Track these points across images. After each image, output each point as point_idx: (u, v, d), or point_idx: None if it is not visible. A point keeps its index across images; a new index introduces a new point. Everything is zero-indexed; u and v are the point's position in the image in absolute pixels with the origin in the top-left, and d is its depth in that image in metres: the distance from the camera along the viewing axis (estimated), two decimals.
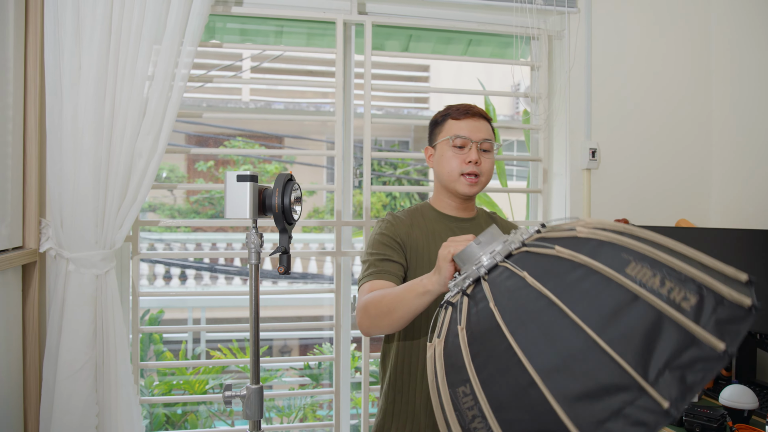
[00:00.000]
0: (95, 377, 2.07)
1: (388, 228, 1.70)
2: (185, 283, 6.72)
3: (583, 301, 0.84)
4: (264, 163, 6.65)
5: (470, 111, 1.72)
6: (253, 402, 1.58)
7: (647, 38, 2.70)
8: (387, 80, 7.38)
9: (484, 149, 1.71)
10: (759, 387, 2.18)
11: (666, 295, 0.83)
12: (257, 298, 1.58)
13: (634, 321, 0.81)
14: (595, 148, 2.58)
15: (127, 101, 2.03)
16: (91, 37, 1.97)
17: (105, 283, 2.06)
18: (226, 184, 1.50)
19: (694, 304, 0.83)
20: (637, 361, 0.80)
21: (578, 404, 0.81)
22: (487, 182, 1.75)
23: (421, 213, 1.77)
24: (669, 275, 0.84)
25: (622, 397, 0.79)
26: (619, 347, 0.80)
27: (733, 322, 0.81)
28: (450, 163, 1.70)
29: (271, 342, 5.55)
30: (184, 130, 7.15)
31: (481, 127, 1.71)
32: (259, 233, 1.57)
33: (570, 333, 0.82)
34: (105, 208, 2.05)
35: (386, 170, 7.33)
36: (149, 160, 2.09)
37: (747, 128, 2.58)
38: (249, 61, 5.96)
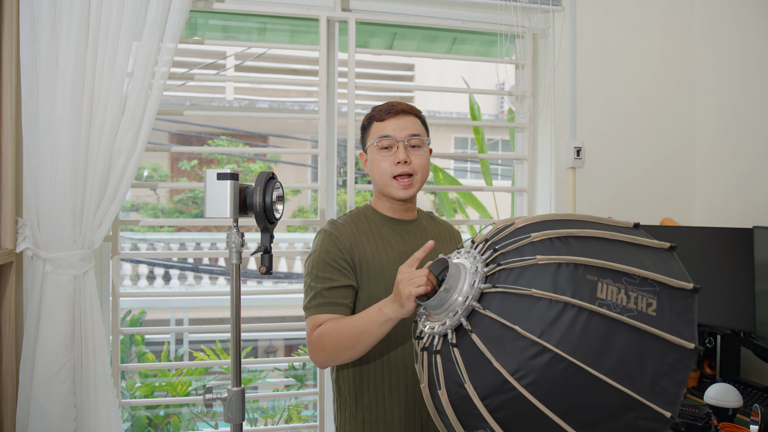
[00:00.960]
0: (73, 380, 2.03)
1: (332, 243, 1.60)
2: (169, 283, 6.65)
3: (575, 340, 0.95)
4: (248, 162, 6.60)
5: (393, 109, 1.65)
6: (234, 405, 1.54)
7: (632, 36, 2.70)
8: (372, 79, 7.36)
9: (414, 145, 1.64)
10: (743, 385, 2.19)
11: (636, 309, 0.98)
12: (239, 299, 1.55)
13: (622, 346, 0.95)
14: (580, 147, 2.58)
15: (105, 98, 1.99)
16: (69, 32, 1.93)
17: (83, 283, 2.02)
18: (206, 182, 1.47)
19: (656, 307, 1.00)
20: (634, 382, 0.94)
21: (596, 427, 0.95)
22: (424, 179, 1.68)
23: (365, 217, 1.71)
24: (629, 284, 1.00)
25: (631, 414, 0.95)
26: (617, 376, 0.94)
27: (688, 311, 1.01)
28: (380, 167, 1.64)
29: (256, 342, 5.51)
30: (168, 128, 7.07)
31: (407, 123, 1.64)
32: (240, 233, 1.54)
33: (574, 375, 0.94)
34: (83, 207, 2.00)
35: None
36: (129, 158, 2.05)
37: (731, 126, 2.59)
38: (233, 59, 5.91)
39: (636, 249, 1.09)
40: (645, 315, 0.97)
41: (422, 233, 1.72)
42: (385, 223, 1.70)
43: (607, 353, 0.95)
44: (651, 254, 1.10)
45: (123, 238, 6.43)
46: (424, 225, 1.75)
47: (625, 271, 1.01)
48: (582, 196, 2.61)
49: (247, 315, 6.58)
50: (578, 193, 2.61)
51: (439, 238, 1.74)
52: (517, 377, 0.96)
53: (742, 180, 2.51)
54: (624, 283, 0.99)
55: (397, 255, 1.64)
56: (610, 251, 1.05)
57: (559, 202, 2.59)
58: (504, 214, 3.45)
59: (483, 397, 1.00)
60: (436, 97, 8.64)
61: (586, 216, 1.15)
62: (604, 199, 2.65)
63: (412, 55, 2.80)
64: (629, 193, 2.68)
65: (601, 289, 0.98)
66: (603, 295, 0.97)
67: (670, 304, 1.02)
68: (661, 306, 1.00)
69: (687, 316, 1.02)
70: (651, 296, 1.00)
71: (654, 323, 0.97)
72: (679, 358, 0.97)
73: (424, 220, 1.77)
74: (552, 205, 2.58)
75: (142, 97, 2.04)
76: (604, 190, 2.65)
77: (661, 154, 2.72)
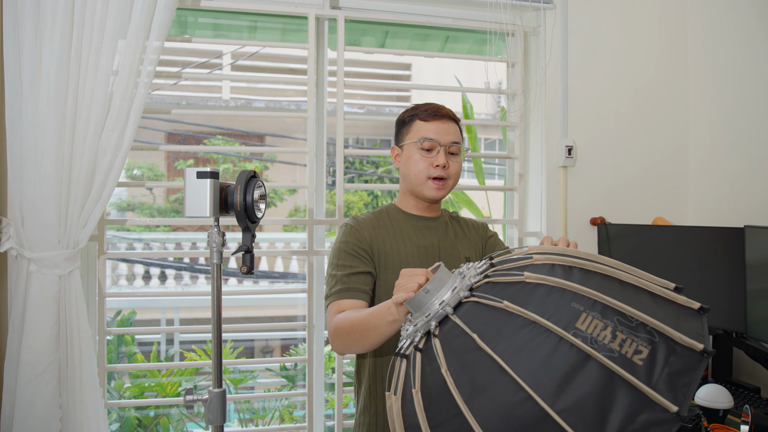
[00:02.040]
0: (59, 380, 2.01)
1: (352, 234, 1.64)
2: (165, 283, 6.64)
3: (534, 365, 0.83)
4: (244, 161, 6.58)
5: (439, 113, 1.68)
6: (215, 406, 1.53)
7: (624, 34, 2.68)
8: (368, 78, 7.34)
9: (452, 152, 1.67)
10: (735, 386, 2.17)
11: (618, 351, 0.83)
12: (219, 299, 1.54)
13: (586, 386, 0.81)
14: (572, 146, 2.56)
15: (90, 97, 1.98)
16: (52, 30, 1.91)
17: (68, 283, 2.01)
18: (186, 181, 1.45)
19: (646, 357, 0.83)
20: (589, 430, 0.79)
21: None
22: (454, 186, 1.73)
23: (387, 213, 1.75)
24: (620, 324, 0.85)
25: None
26: (571, 418, 0.79)
27: (686, 373, 0.81)
28: (417, 166, 1.66)
29: (252, 343, 5.49)
30: (164, 128, 7.06)
31: (450, 129, 1.68)
32: (221, 232, 1.53)
33: (522, 403, 0.82)
34: (68, 206, 1.99)
35: (368, 168, 7.29)
36: (114, 157, 2.03)
37: (724, 125, 2.57)
38: (229, 57, 5.89)
39: (651, 298, 0.94)
40: (627, 360, 0.82)
41: (444, 229, 1.75)
42: (406, 219, 1.73)
43: (567, 390, 0.81)
44: (669, 308, 0.94)
45: (118, 238, 6.42)
46: (446, 221, 1.78)
47: (620, 310, 0.87)
48: (573, 195, 2.60)
49: (241, 315, 6.57)
50: (570, 192, 2.59)
51: (460, 236, 1.77)
52: (461, 391, 0.88)
53: (735, 179, 2.49)
54: (615, 321, 0.86)
55: (416, 249, 1.68)
56: (615, 291, 0.92)
57: (550, 201, 2.57)
58: (497, 214, 3.43)
59: (426, 407, 0.92)
60: (434, 98, 8.63)
61: (616, 262, 0.99)
62: (596, 198, 2.63)
63: (403, 53, 2.78)
64: (621, 192, 2.66)
65: (584, 320, 0.86)
66: (583, 327, 0.85)
67: (666, 360, 0.84)
68: (654, 358, 0.83)
69: (684, 379, 0.82)
70: (644, 344, 0.84)
71: (635, 372, 0.81)
72: (655, 420, 0.79)
73: (447, 217, 1.80)
74: (543, 205, 2.56)
75: (128, 95, 2.02)
76: (595, 189, 2.63)
77: (654, 153, 2.70)
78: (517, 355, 0.85)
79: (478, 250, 1.77)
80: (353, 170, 7.17)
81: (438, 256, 1.69)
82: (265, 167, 7.08)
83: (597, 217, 2.61)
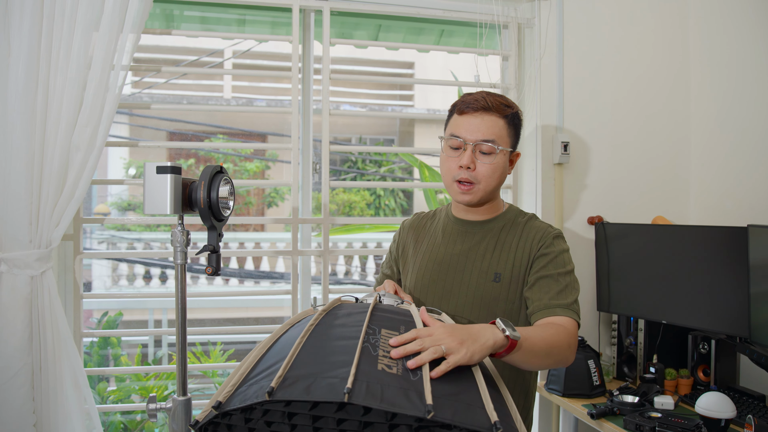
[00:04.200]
0: (32, 385, 1.95)
1: (397, 235, 1.72)
2: (165, 283, 6.60)
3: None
4: (245, 161, 6.53)
5: (475, 103, 1.47)
6: (179, 416, 1.45)
7: (622, 26, 2.58)
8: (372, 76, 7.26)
9: (484, 152, 1.46)
10: (739, 394, 2.07)
11: (378, 353, 1.00)
12: (184, 301, 1.45)
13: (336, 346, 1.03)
14: (568, 142, 2.46)
15: (62, 91, 1.91)
16: (21, 20, 1.85)
17: (41, 284, 1.94)
18: (145, 176, 1.37)
19: (393, 372, 0.97)
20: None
21: None
22: (488, 189, 1.49)
23: (439, 214, 1.67)
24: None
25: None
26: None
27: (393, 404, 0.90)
28: (445, 165, 1.51)
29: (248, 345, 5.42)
30: (166, 127, 7.05)
31: (484, 125, 1.45)
32: (185, 231, 1.44)
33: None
34: (39, 205, 1.92)
35: (371, 168, 7.21)
36: (88, 153, 1.96)
37: (728, 120, 2.46)
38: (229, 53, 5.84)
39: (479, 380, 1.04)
40: (373, 358, 0.98)
41: (488, 236, 1.54)
42: (451, 222, 1.60)
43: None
44: (473, 393, 1.02)
45: (117, 238, 6.39)
46: (497, 227, 1.55)
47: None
48: (569, 193, 2.50)
49: (244, 316, 6.53)
50: (565, 190, 2.50)
51: (506, 247, 1.53)
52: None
53: (739, 177, 2.39)
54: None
55: (443, 256, 1.56)
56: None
57: (545, 199, 2.47)
58: None
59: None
60: (438, 95, 8.55)
61: None
62: (593, 196, 2.53)
63: (395, 45, 2.69)
64: (619, 190, 2.56)
65: (391, 331, 1.07)
66: (384, 333, 1.05)
67: (398, 385, 0.94)
68: (398, 379, 0.95)
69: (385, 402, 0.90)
70: (401, 370, 0.97)
71: (369, 365, 0.96)
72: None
73: (504, 222, 1.56)
74: (538, 203, 2.47)
75: (101, 89, 1.95)
76: (592, 186, 2.53)
77: (654, 150, 2.60)
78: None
79: (521, 265, 1.49)
80: (355, 169, 7.10)
81: (463, 266, 1.53)
82: (267, 167, 7.02)
83: (594, 216, 2.51)
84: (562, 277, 1.46)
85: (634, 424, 1.86)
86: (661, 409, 1.99)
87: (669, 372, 2.24)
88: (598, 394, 2.17)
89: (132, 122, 6.97)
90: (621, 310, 2.37)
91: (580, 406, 2.09)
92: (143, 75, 6.36)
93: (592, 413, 1.98)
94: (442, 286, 1.54)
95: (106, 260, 6.27)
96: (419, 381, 0.94)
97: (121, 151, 7.02)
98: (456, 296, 1.53)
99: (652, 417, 1.88)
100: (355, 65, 6.85)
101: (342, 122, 7.70)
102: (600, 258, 2.44)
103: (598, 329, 2.53)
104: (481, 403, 0.96)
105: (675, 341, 2.33)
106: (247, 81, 7.32)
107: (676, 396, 2.14)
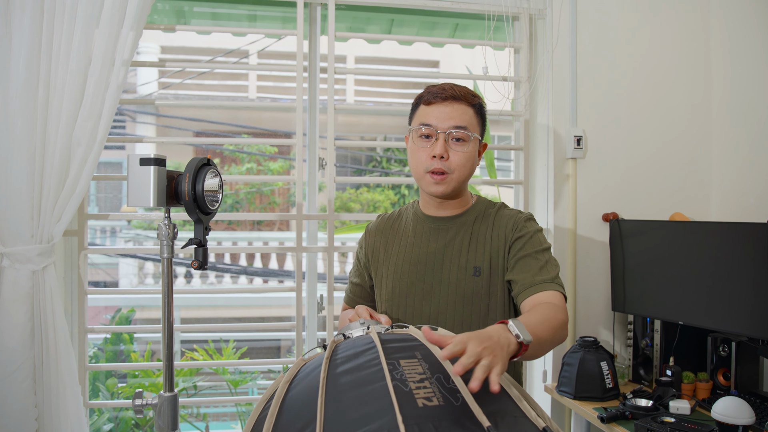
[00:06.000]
0: (34, 379, 1.96)
1: (361, 240, 1.67)
2: (190, 282, 6.66)
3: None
4: (269, 161, 6.55)
5: (443, 93, 1.45)
6: (165, 412, 1.43)
7: (638, 15, 2.48)
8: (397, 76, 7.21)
9: (457, 138, 1.44)
10: (760, 399, 1.96)
11: (410, 387, 0.91)
12: (170, 297, 1.43)
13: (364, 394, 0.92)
14: (581, 136, 2.38)
15: (62, 86, 1.92)
16: (22, 17, 1.85)
17: (42, 279, 1.95)
18: (129, 168, 1.35)
19: (432, 406, 0.89)
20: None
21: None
22: (461, 179, 1.47)
23: (406, 214, 1.62)
24: (437, 380, 0.94)
25: None
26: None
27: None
28: (416, 157, 1.48)
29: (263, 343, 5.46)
30: (192, 127, 7.12)
31: (454, 112, 1.44)
32: (171, 224, 1.42)
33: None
34: (41, 199, 1.93)
35: (395, 167, 7.16)
36: (89, 149, 1.96)
37: (751, 112, 2.35)
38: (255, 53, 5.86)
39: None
40: (410, 396, 0.89)
41: (461, 230, 1.51)
42: (420, 220, 1.56)
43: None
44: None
45: (142, 237, 6.46)
46: (469, 221, 1.52)
47: (447, 372, 0.95)
48: (583, 189, 2.42)
49: (247, 315, 6.55)
50: (579, 186, 2.41)
51: (480, 238, 1.50)
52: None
53: (763, 172, 2.27)
54: (434, 377, 0.94)
55: (418, 256, 1.52)
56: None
57: (558, 196, 2.39)
58: None
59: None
60: None
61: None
62: (608, 192, 2.44)
63: (406, 38, 2.65)
64: (635, 185, 2.47)
65: (410, 362, 0.97)
66: (404, 364, 0.96)
67: (451, 419, 0.86)
68: (441, 411, 0.87)
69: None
70: (440, 399, 0.89)
71: (408, 404, 0.86)
72: None
73: (476, 215, 1.54)
74: (550, 200, 2.39)
75: (102, 85, 1.95)
76: (607, 182, 2.44)
77: (672, 144, 2.50)
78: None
79: (499, 255, 1.48)
80: (379, 168, 7.06)
81: (441, 264, 1.49)
82: (292, 166, 7.04)
83: (609, 212, 2.42)
84: (540, 255, 1.44)
85: (646, 429, 1.78)
86: (676, 413, 1.91)
87: (686, 375, 2.14)
88: (611, 397, 2.09)
89: (159, 122, 7.06)
90: (636, 310, 2.28)
91: (591, 409, 2.01)
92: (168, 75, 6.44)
93: (602, 417, 1.90)
94: (422, 287, 1.50)
95: (132, 258, 6.35)
96: (463, 405, 0.89)
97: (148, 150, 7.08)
98: (437, 296, 1.49)
99: (664, 422, 1.80)
100: (380, 65, 6.84)
101: (367, 122, 7.68)
102: (615, 256, 2.35)
103: (613, 330, 2.44)
104: (521, 412, 0.94)
105: (693, 343, 2.23)
106: (272, 81, 7.36)
107: (694, 400, 2.04)
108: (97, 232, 7.29)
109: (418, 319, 1.50)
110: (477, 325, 1.47)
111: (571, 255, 2.39)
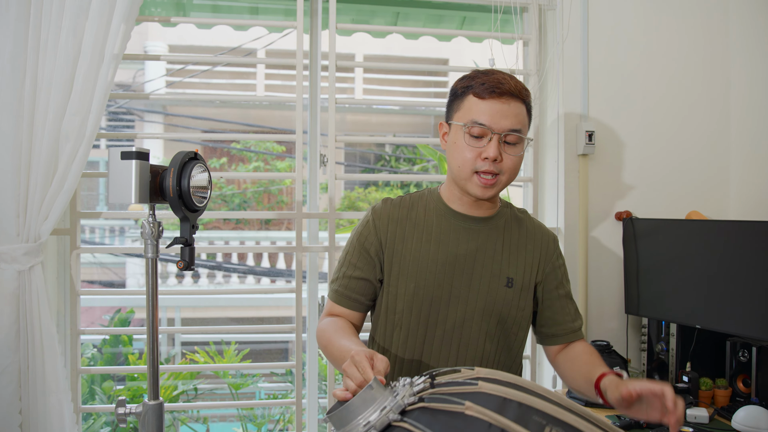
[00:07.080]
0: (19, 383, 1.88)
1: (369, 226, 1.44)
2: (198, 282, 6.62)
3: None
4: (276, 159, 6.50)
5: (498, 88, 1.31)
6: (150, 421, 1.35)
7: (653, 6, 2.38)
8: (407, 74, 7.15)
9: (509, 142, 1.33)
10: None
11: None
12: (155, 298, 1.36)
13: None
14: (593, 131, 2.28)
15: (49, 79, 1.84)
16: (7, 8, 1.78)
17: (29, 280, 1.87)
18: (110, 162, 1.28)
19: None
20: None
21: None
22: (509, 182, 1.38)
23: (425, 203, 1.45)
24: None
25: None
26: None
27: None
28: (462, 155, 1.34)
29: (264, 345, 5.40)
30: (201, 126, 7.10)
31: (510, 112, 1.32)
32: (156, 222, 1.34)
33: None
34: (27, 197, 1.85)
35: (404, 166, 7.09)
36: (78, 144, 1.88)
37: None
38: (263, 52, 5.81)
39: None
40: None
41: (493, 234, 1.43)
42: (445, 215, 1.43)
43: None
44: None
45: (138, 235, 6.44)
46: (500, 225, 1.45)
47: (579, 428, 0.85)
48: (595, 186, 2.32)
49: (254, 315, 6.50)
50: (591, 183, 2.32)
51: (514, 247, 1.44)
52: None
53: None
54: None
55: (445, 256, 1.39)
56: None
57: (569, 193, 2.30)
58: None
59: None
60: None
61: (568, 401, 0.95)
62: (621, 190, 2.35)
63: (411, 30, 2.57)
64: (650, 183, 2.37)
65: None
66: None
67: None
68: None
69: None
70: None
71: None
72: None
73: (505, 218, 1.46)
74: (560, 196, 2.30)
75: (91, 77, 1.87)
76: (620, 179, 2.35)
77: (689, 140, 2.40)
78: None
79: (532, 271, 1.43)
80: (388, 167, 6.99)
81: (471, 268, 1.39)
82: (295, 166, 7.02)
83: (622, 211, 2.32)
84: (571, 294, 1.52)
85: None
86: (693, 422, 1.82)
87: (704, 381, 2.04)
88: None
89: (167, 122, 7.03)
90: (651, 313, 2.18)
91: (604, 417, 1.91)
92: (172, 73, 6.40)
93: (615, 425, 1.80)
94: (449, 291, 1.39)
95: (139, 258, 6.33)
96: None
97: (156, 150, 7.09)
98: (464, 302, 1.38)
99: (681, 431, 1.71)
100: (390, 62, 6.77)
101: (376, 120, 7.62)
102: (628, 256, 2.25)
103: (626, 333, 2.34)
104: None
105: (711, 348, 2.13)
106: (281, 80, 7.31)
107: (712, 408, 1.95)
108: (106, 231, 7.27)
109: (441, 326, 1.39)
110: (497, 338, 1.41)
111: (582, 255, 2.30)
